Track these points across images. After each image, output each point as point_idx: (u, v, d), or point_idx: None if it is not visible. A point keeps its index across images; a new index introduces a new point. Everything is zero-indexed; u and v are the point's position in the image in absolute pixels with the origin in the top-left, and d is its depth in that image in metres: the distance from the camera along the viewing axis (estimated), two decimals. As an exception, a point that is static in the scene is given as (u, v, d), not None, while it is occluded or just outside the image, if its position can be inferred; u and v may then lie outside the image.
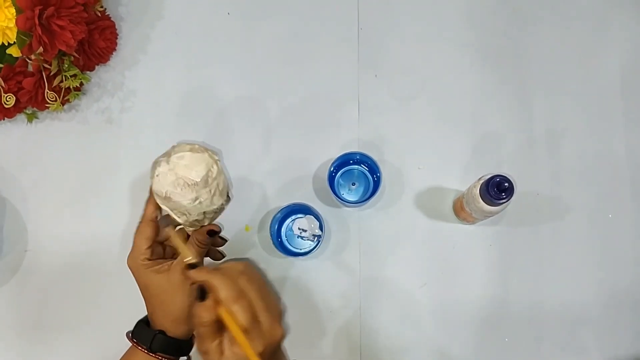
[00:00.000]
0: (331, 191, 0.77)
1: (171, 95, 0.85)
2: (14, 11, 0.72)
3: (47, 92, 0.78)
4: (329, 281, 0.79)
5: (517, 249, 0.80)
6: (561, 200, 0.81)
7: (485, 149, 0.83)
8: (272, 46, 0.86)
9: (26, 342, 0.79)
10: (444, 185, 0.81)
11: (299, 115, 0.84)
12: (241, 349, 0.52)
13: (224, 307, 0.53)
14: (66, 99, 0.81)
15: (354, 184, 0.80)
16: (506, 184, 0.67)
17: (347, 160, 0.79)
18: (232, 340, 0.53)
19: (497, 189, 0.67)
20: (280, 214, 0.78)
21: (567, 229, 0.81)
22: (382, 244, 0.80)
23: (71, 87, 0.80)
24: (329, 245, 0.80)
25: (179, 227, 0.64)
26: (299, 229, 0.79)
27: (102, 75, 0.85)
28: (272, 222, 0.78)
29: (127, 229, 0.80)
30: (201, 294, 0.58)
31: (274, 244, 0.77)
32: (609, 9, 0.87)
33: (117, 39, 0.85)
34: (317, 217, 0.77)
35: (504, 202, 0.68)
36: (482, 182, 0.69)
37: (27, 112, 0.83)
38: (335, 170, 0.79)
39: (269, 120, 0.84)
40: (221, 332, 0.54)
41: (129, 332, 0.64)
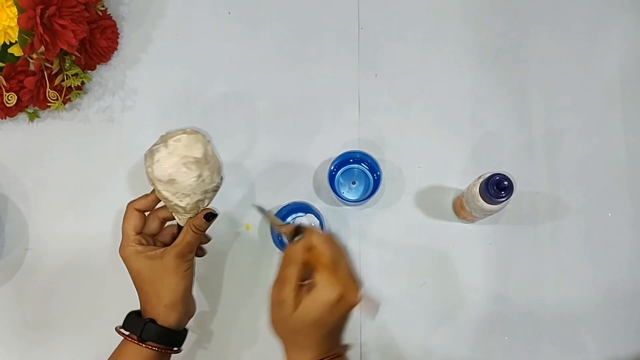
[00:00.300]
0: (331, 190, 0.77)
1: (172, 94, 0.85)
2: (16, 10, 0.72)
3: (49, 91, 0.78)
4: (329, 280, 0.80)
5: (516, 248, 0.80)
6: (560, 199, 0.82)
7: (484, 148, 0.83)
8: (272, 46, 0.87)
9: (27, 340, 0.79)
10: (443, 184, 0.82)
11: (300, 114, 0.84)
12: (320, 294, 0.55)
13: (317, 249, 0.57)
14: (67, 98, 0.82)
15: (354, 183, 0.81)
16: (505, 182, 0.67)
17: (347, 159, 0.79)
18: (310, 289, 0.56)
19: (497, 188, 0.67)
20: (280, 212, 0.78)
21: (567, 227, 0.81)
22: (382, 243, 0.80)
23: (72, 86, 0.80)
24: (329, 243, 0.80)
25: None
26: (300, 227, 0.79)
27: (103, 74, 0.86)
28: (272, 220, 0.78)
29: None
30: (292, 238, 0.60)
31: (275, 243, 0.77)
32: (608, 10, 0.87)
33: (118, 38, 0.85)
34: (318, 215, 0.78)
35: (504, 201, 0.68)
36: (481, 180, 0.69)
37: (29, 111, 0.83)
38: (335, 169, 0.79)
39: (269, 119, 0.84)
40: (300, 287, 0.57)
41: (118, 326, 0.65)
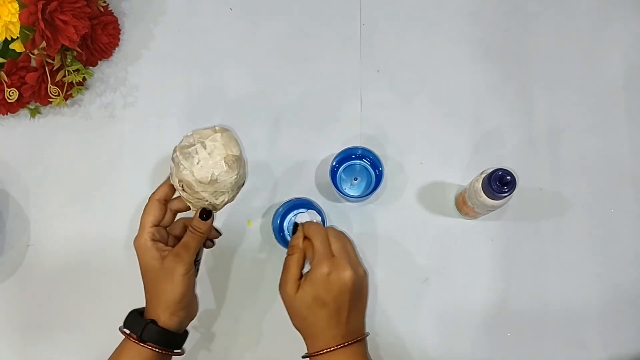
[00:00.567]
0: (333, 186, 0.77)
1: (174, 90, 0.85)
2: (17, 6, 0.72)
3: (50, 87, 0.78)
4: (331, 276, 0.79)
5: (519, 244, 0.80)
6: (563, 195, 0.81)
7: (487, 144, 0.83)
8: (274, 42, 0.86)
9: (28, 336, 0.79)
10: (446, 180, 0.81)
11: (301, 110, 0.84)
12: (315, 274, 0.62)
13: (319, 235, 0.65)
14: (69, 94, 0.82)
15: (356, 179, 0.80)
16: (508, 177, 0.67)
17: (349, 155, 0.79)
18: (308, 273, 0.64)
19: (500, 183, 0.67)
20: (282, 208, 0.78)
21: (570, 224, 0.80)
22: (384, 239, 0.80)
23: (74, 82, 0.80)
24: (331, 240, 0.80)
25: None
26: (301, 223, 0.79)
27: (104, 70, 0.86)
28: (274, 216, 0.78)
29: (130, 224, 0.80)
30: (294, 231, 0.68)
31: (276, 239, 0.77)
32: (612, 5, 0.87)
33: (119, 34, 0.85)
34: (319, 211, 0.77)
35: (506, 196, 0.68)
36: (484, 176, 0.69)
37: (30, 107, 0.83)
38: (337, 165, 0.79)
39: (271, 115, 0.84)
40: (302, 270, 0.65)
41: (121, 325, 0.64)
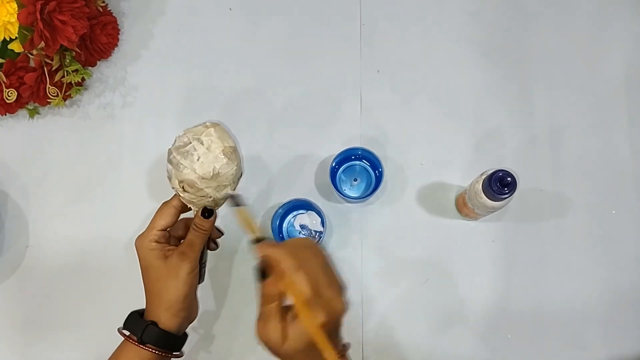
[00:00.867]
0: (333, 187, 0.77)
1: (173, 90, 0.85)
2: (16, 6, 0.72)
3: (49, 87, 0.78)
4: (330, 277, 0.79)
5: (520, 245, 0.80)
6: (564, 196, 0.81)
7: (487, 145, 0.82)
8: (273, 42, 0.86)
9: (27, 337, 0.79)
10: (446, 181, 0.81)
11: (301, 110, 0.84)
12: (303, 324, 0.51)
13: (287, 278, 0.52)
14: (68, 94, 0.81)
15: (355, 180, 0.80)
16: (509, 179, 0.67)
17: (349, 155, 0.79)
18: (296, 317, 0.52)
19: (500, 184, 0.67)
20: (281, 209, 0.78)
21: (570, 225, 0.80)
22: (384, 240, 0.80)
23: (73, 82, 0.80)
24: (330, 241, 0.80)
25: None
26: (301, 225, 0.79)
27: (103, 70, 0.85)
28: (273, 217, 0.78)
29: (129, 224, 0.80)
30: (262, 274, 0.56)
31: (276, 240, 0.77)
32: (613, 5, 0.87)
33: (118, 34, 0.85)
34: (319, 213, 0.77)
35: (507, 197, 0.68)
36: (484, 177, 0.69)
37: (29, 107, 0.83)
38: (337, 165, 0.79)
39: (271, 115, 0.84)
40: (284, 314, 0.53)
41: (120, 327, 0.64)
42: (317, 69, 0.85)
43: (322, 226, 0.77)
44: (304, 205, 0.78)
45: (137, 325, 0.62)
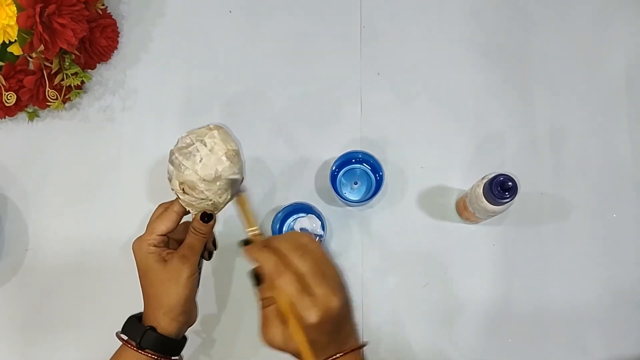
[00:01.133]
0: (333, 190, 0.76)
1: (173, 93, 0.85)
2: (15, 9, 0.71)
3: (48, 90, 0.78)
4: (331, 281, 0.79)
5: (520, 249, 0.80)
6: (565, 199, 0.81)
7: (488, 148, 0.82)
8: (273, 44, 0.86)
9: (27, 340, 0.79)
10: (446, 184, 0.81)
11: (301, 113, 0.84)
12: (289, 328, 0.51)
13: (273, 283, 0.51)
14: (67, 97, 0.81)
15: (356, 183, 0.80)
16: (510, 183, 0.66)
17: (349, 159, 0.79)
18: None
19: (501, 188, 0.66)
20: (281, 213, 0.77)
21: (571, 228, 0.80)
22: (384, 244, 0.80)
23: (72, 85, 0.80)
24: (330, 245, 0.80)
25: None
26: (301, 228, 0.78)
27: (103, 73, 0.85)
28: (273, 221, 0.77)
29: (128, 227, 0.79)
30: (257, 277, 0.55)
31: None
32: (613, 7, 0.87)
33: (118, 37, 0.84)
34: (319, 216, 0.77)
35: (508, 202, 0.67)
36: (485, 181, 0.69)
37: (28, 110, 0.83)
38: (337, 169, 0.79)
39: (271, 118, 0.83)
40: (285, 316, 0.52)
41: (119, 331, 0.64)
42: (317, 72, 0.85)
43: (323, 230, 0.76)
44: (304, 208, 0.78)
45: (136, 330, 0.62)
